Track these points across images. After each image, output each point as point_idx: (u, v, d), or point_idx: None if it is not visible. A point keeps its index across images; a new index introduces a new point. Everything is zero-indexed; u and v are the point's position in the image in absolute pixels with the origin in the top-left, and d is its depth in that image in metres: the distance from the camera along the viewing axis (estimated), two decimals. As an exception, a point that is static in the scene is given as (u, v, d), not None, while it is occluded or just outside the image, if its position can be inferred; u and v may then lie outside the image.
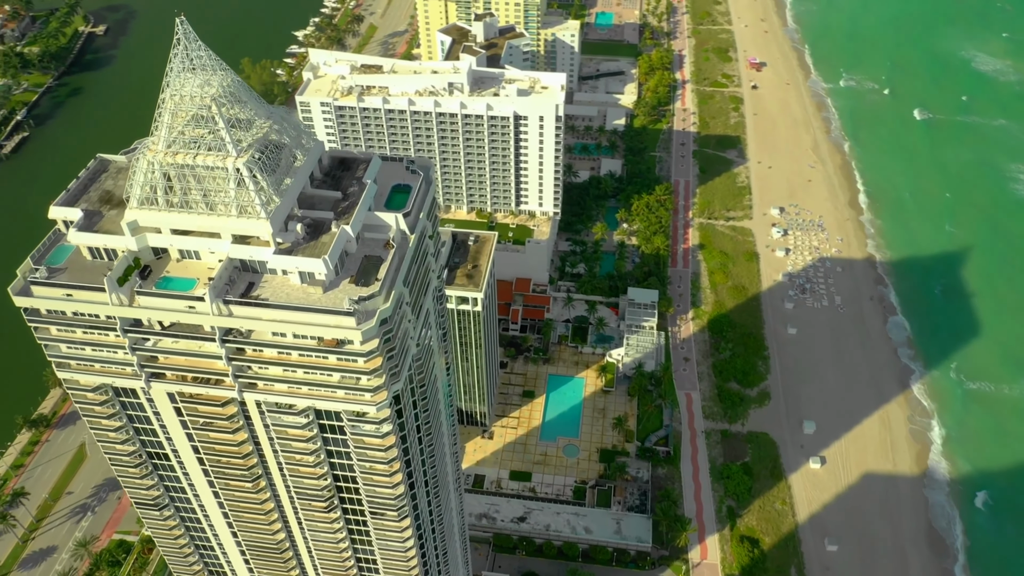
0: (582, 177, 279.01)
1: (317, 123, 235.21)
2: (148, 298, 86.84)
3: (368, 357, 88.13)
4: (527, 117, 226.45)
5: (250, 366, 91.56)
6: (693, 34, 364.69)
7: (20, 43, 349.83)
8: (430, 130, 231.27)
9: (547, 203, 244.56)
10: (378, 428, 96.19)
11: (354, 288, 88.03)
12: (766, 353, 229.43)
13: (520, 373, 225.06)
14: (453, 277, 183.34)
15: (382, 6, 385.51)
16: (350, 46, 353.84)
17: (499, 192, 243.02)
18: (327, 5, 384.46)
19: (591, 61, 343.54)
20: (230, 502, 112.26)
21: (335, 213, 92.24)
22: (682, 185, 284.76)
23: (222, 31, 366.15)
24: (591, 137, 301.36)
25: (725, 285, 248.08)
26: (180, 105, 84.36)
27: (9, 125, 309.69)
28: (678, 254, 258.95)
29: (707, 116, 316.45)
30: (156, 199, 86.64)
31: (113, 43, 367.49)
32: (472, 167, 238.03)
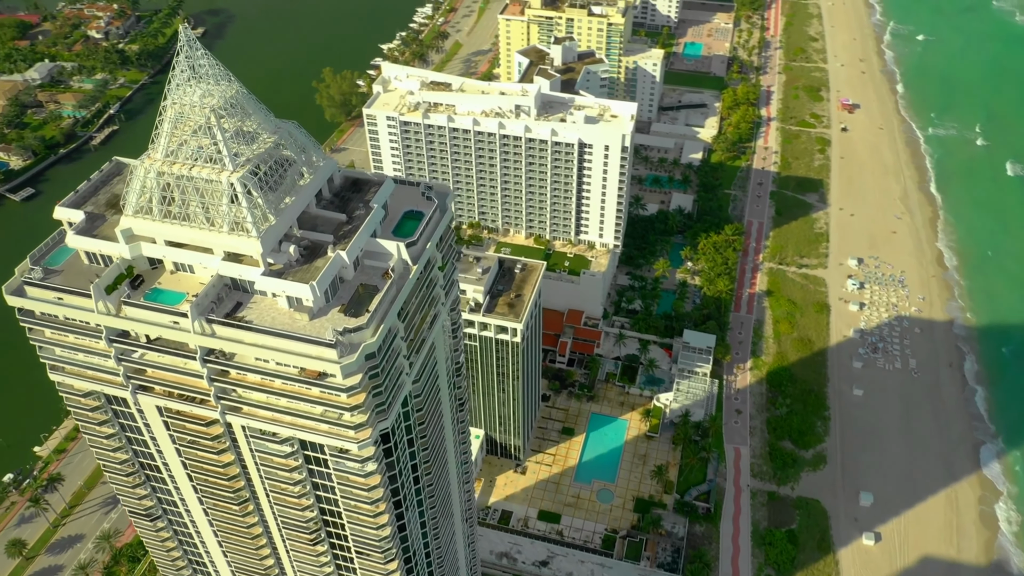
0: (650, 210, 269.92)
1: (382, 137, 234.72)
2: (134, 309, 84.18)
3: (350, 392, 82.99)
4: (592, 145, 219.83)
5: (234, 389, 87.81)
6: (784, 70, 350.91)
7: (123, 41, 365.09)
8: (493, 152, 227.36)
9: (607, 235, 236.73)
10: (361, 467, 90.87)
11: (342, 318, 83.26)
12: (827, 413, 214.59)
13: (562, 408, 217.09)
14: (494, 305, 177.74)
15: (469, 24, 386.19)
16: (433, 62, 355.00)
17: (559, 220, 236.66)
18: (416, 20, 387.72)
19: (673, 92, 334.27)
20: (218, 522, 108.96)
21: (335, 237, 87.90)
22: (755, 226, 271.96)
23: (313, 39, 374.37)
24: (664, 169, 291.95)
25: (790, 336, 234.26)
26: (180, 114, 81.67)
27: (102, 118, 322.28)
28: (742, 299, 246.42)
29: (790, 156, 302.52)
30: (152, 208, 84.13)
31: (209, 46, 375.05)
32: (533, 192, 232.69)
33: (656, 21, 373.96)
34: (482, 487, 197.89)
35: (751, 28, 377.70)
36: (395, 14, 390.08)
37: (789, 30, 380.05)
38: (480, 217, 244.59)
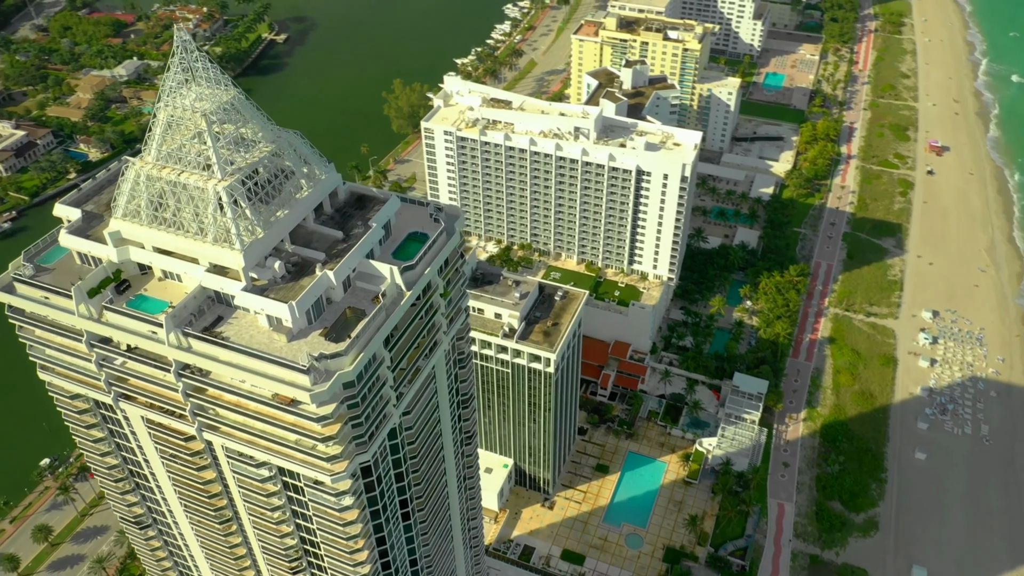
0: (712, 243, 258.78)
1: (439, 151, 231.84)
2: (114, 315, 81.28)
3: (323, 422, 77.88)
4: (651, 173, 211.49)
5: (210, 406, 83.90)
6: (870, 107, 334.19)
7: (208, 43, 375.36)
8: (548, 173, 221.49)
9: (662, 266, 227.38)
10: (337, 500, 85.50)
11: (322, 342, 78.38)
12: (883, 475, 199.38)
13: (598, 444, 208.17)
14: (530, 332, 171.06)
15: (546, 44, 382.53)
16: (505, 79, 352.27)
17: (612, 247, 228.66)
18: (493, 37, 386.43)
19: (749, 122, 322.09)
20: (203, 539, 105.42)
21: (327, 255, 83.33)
22: (823, 269, 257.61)
23: (390, 50, 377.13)
24: (731, 202, 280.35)
25: (850, 388, 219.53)
26: (172, 117, 78.59)
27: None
28: (802, 345, 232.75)
29: (868, 197, 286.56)
30: (140, 212, 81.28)
31: (289, 51, 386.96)
32: (587, 217, 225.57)
33: (738, 49, 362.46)
34: (506, 518, 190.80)
35: (838, 61, 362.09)
36: (473, 30, 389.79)
37: (879, 65, 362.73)
38: (532, 239, 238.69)
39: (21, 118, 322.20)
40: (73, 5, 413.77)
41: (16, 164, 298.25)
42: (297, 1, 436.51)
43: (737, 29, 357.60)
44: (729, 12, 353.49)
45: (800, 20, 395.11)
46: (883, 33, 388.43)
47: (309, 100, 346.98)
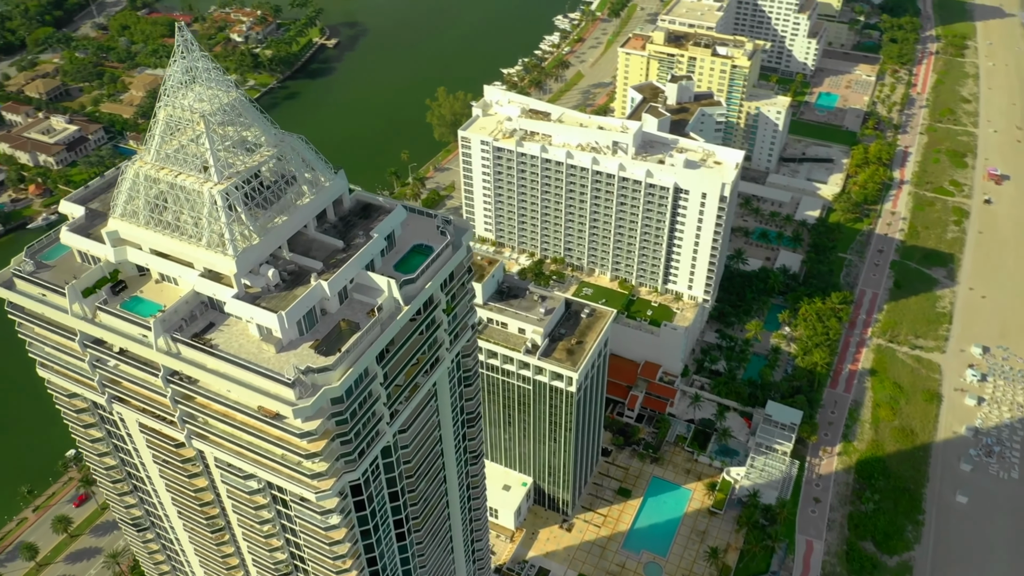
0: (752, 266, 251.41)
1: (475, 161, 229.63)
2: (107, 315, 79.84)
3: (308, 438, 75.07)
4: (689, 191, 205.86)
5: (198, 415, 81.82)
6: (927, 131, 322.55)
7: (260, 46, 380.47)
8: (584, 187, 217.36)
9: (697, 287, 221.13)
10: (323, 518, 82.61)
11: (311, 354, 75.69)
12: (921, 518, 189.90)
13: (622, 466, 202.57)
14: (553, 349, 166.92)
15: (594, 56, 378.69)
16: (550, 90, 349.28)
17: (647, 266, 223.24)
18: (541, 48, 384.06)
19: (799, 143, 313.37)
20: (196, 546, 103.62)
21: (325, 264, 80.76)
22: (867, 297, 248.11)
23: (438, 58, 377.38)
24: (775, 224, 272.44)
25: (890, 424, 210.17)
26: (172, 117, 76.93)
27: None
28: (841, 375, 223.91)
29: (919, 225, 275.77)
30: (138, 213, 79.75)
31: (339, 56, 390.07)
32: (622, 234, 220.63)
33: (791, 68, 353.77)
34: (522, 538, 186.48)
35: (896, 83, 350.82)
36: (522, 40, 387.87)
37: (939, 88, 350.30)
38: (565, 253, 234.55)
39: (76, 113, 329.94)
40: (133, 5, 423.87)
41: (67, 158, 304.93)
42: (351, 7, 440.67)
43: (791, 47, 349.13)
44: (783, 30, 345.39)
45: (857, 40, 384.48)
46: (945, 56, 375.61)
47: (354, 105, 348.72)
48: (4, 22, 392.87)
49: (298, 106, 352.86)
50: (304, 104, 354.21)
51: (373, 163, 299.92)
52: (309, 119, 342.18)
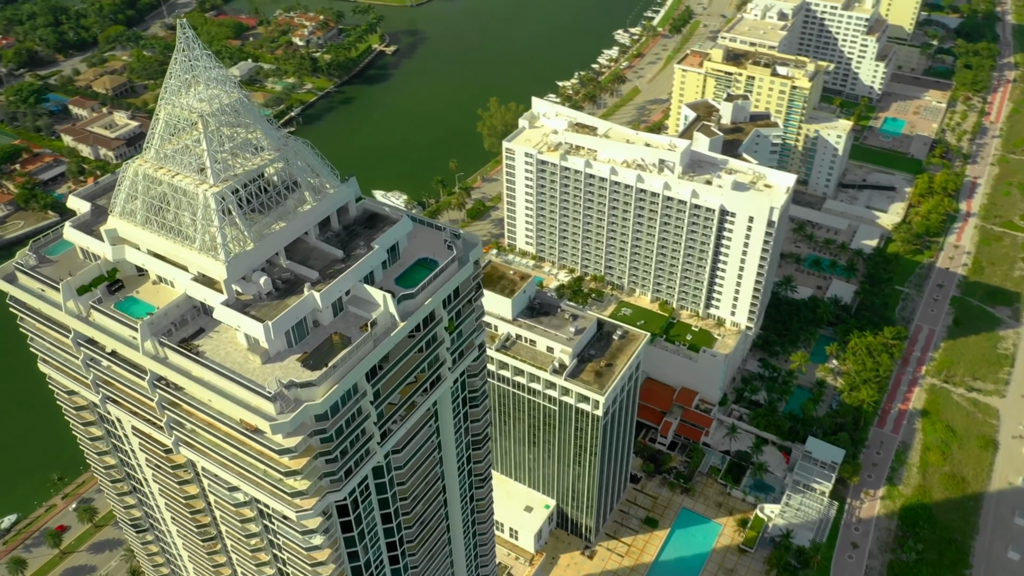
0: (801, 294, 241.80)
1: (518, 173, 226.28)
2: (100, 315, 78.31)
3: (288, 455, 72.01)
4: (735, 214, 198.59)
5: (185, 422, 79.62)
6: (999, 162, 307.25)
7: (320, 50, 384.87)
8: (627, 205, 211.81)
9: (740, 314, 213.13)
10: (305, 539, 79.39)
11: (298, 368, 72.71)
12: (968, 572, 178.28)
13: (651, 495, 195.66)
14: (580, 370, 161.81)
15: (652, 72, 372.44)
16: (605, 105, 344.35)
17: (688, 288, 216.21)
18: (599, 62, 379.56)
19: (859, 169, 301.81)
20: (189, 553, 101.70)
21: (321, 274, 77.86)
22: (923, 333, 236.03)
23: (494, 69, 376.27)
24: (829, 252, 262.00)
25: (939, 469, 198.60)
26: (172, 116, 75.10)
27: (283, 119, 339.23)
28: (889, 414, 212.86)
29: (985, 260, 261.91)
30: (136, 212, 78.15)
31: (397, 63, 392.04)
32: (664, 255, 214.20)
33: (856, 91, 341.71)
34: (542, 562, 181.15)
35: (968, 111, 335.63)
36: (580, 54, 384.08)
37: (1014, 118, 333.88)
38: (606, 271, 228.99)
39: (138, 110, 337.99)
40: (202, 7, 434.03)
41: (127, 153, 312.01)
42: (412, 15, 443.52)
43: (857, 70, 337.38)
44: (850, 51, 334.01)
45: (929, 64, 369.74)
46: (1023, 84, 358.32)
47: (408, 112, 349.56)
48: (79, 19, 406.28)
49: (353, 111, 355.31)
50: (359, 109, 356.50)
51: (422, 170, 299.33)
52: (363, 124, 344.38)
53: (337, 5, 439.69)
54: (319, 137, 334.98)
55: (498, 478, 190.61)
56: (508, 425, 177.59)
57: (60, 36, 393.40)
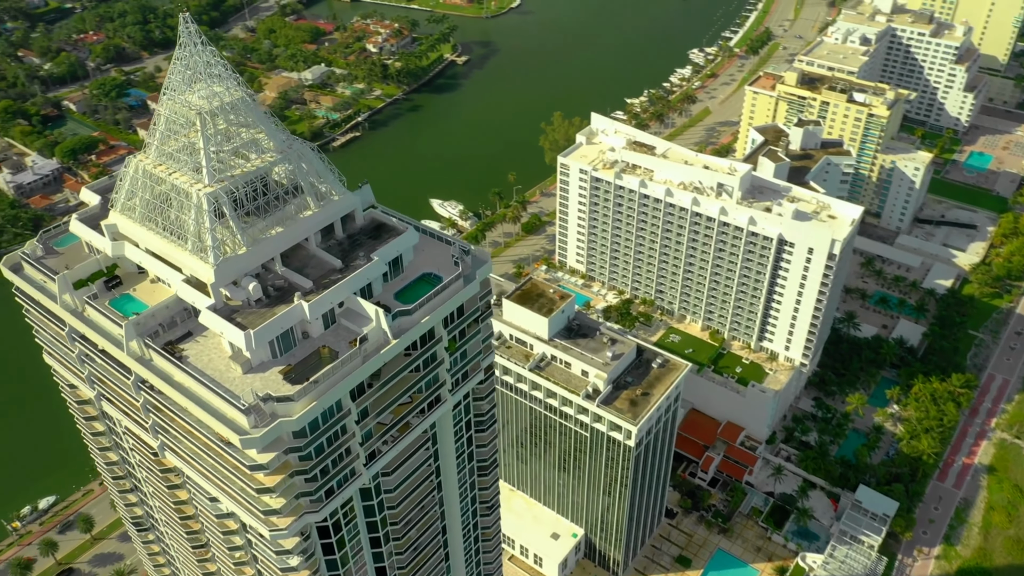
0: (864, 332, 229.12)
1: (572, 189, 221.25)
2: (93, 311, 76.76)
3: (262, 471, 68.65)
4: (794, 245, 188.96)
5: (169, 427, 77.27)
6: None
7: (391, 57, 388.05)
8: (682, 229, 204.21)
9: (795, 349, 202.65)
10: (281, 559, 75.89)
11: (278, 380, 69.39)
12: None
13: (686, 532, 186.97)
14: (615, 397, 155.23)
15: (725, 93, 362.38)
16: (673, 125, 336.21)
17: (741, 319, 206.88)
18: (670, 80, 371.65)
19: (939, 204, 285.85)
20: (182, 558, 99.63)
21: (315, 284, 74.59)
22: (996, 384, 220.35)
23: (563, 83, 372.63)
24: (899, 290, 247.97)
25: (1004, 531, 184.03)
26: (174, 112, 73.06)
27: (349, 123, 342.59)
28: (952, 468, 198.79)
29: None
30: (135, 208, 76.43)
31: (467, 73, 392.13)
32: (718, 282, 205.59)
33: (940, 122, 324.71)
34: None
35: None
36: (652, 72, 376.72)
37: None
38: (656, 295, 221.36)
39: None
40: (283, 11, 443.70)
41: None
42: (487, 26, 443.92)
43: (943, 100, 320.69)
44: (936, 80, 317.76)
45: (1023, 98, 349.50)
46: None
47: (473, 123, 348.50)
48: (166, 19, 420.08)
49: (419, 118, 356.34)
50: (425, 117, 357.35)
51: (481, 181, 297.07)
52: (427, 132, 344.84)
53: (414, 13, 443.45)
54: (383, 143, 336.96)
55: (526, 501, 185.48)
56: (539, 448, 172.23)
57: (147, 34, 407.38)
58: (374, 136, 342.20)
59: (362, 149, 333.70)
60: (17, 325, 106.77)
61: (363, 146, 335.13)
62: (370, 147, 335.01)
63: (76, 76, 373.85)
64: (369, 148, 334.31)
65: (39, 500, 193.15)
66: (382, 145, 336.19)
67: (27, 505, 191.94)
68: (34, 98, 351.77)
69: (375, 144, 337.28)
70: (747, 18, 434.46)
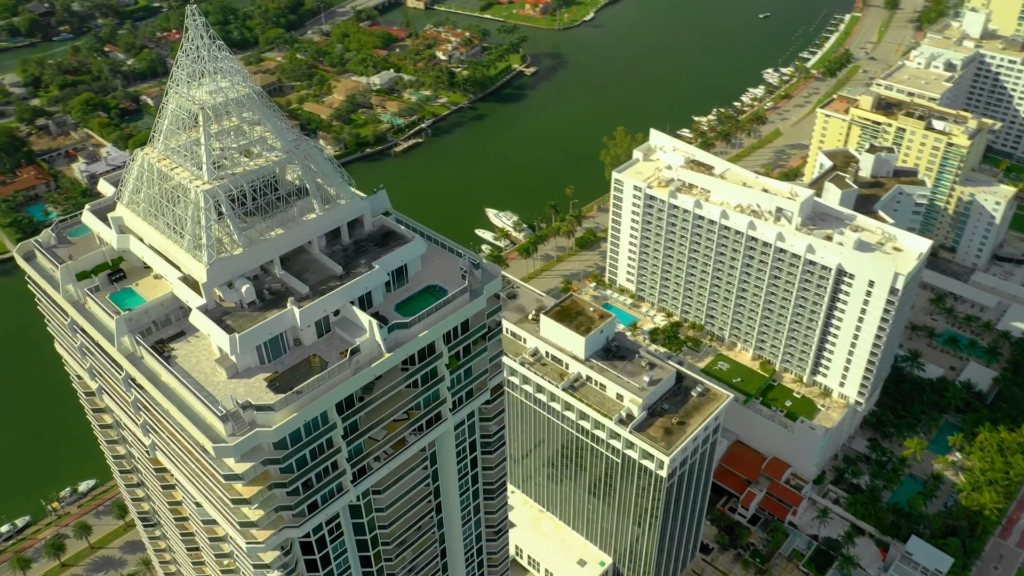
0: (929, 373, 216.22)
1: (625, 205, 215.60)
2: (92, 303, 75.76)
3: (238, 481, 66.00)
4: (854, 276, 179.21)
5: (158, 428, 75.52)
6: None
7: (460, 66, 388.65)
8: (736, 253, 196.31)
9: (850, 386, 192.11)
10: (261, 573, 73.07)
11: (262, 388, 66.74)
12: None
13: (720, 570, 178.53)
14: (649, 424, 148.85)
15: (798, 115, 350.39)
16: (740, 145, 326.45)
17: (794, 351, 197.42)
18: (741, 100, 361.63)
19: (1021, 242, 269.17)
20: (180, 558, 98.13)
21: (312, 290, 71.89)
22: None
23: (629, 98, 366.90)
24: (970, 330, 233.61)
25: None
26: (180, 108, 71.49)
27: (413, 130, 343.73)
28: (1016, 526, 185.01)
29: None
30: (139, 202, 75.21)
31: (534, 84, 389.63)
32: (771, 310, 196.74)
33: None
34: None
35: None
36: (722, 90, 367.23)
37: None
38: (707, 320, 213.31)
39: (280, 108, 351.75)
40: (358, 17, 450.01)
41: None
42: (559, 38, 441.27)
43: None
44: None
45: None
46: None
47: (535, 134, 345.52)
48: (245, 20, 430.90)
49: (482, 127, 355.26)
50: (488, 126, 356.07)
51: (539, 193, 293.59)
52: (489, 141, 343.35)
53: (486, 23, 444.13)
54: (445, 150, 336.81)
55: (555, 524, 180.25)
56: (571, 470, 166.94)
57: (226, 34, 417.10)
58: (436, 143, 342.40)
59: (423, 155, 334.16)
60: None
61: (425, 152, 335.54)
62: (431, 154, 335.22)
63: (156, 72, 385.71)
64: (430, 154, 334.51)
65: (79, 483, 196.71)
66: (443, 152, 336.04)
67: (68, 487, 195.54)
68: (115, 92, 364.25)
69: (437, 151, 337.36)
70: (827, 39, 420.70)
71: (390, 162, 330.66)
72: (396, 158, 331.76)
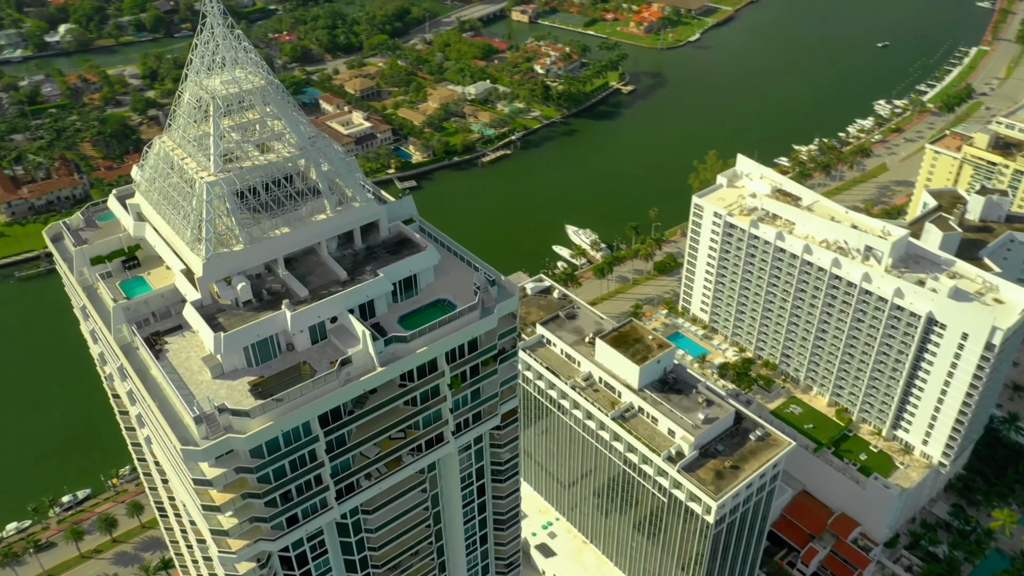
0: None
1: (704, 230, 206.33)
2: (102, 289, 74.86)
3: (209, 487, 63.00)
4: (946, 327, 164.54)
5: (148, 421, 73.65)
6: None
7: (557, 80, 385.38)
8: (818, 291, 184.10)
9: (934, 445, 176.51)
10: (235, 583, 69.93)
11: (243, 392, 63.69)
12: None
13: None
14: (700, 465, 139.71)
15: (908, 150, 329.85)
16: (842, 178, 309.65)
17: (875, 401, 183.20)
18: (848, 130, 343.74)
19: None
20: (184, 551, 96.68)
21: (311, 294, 68.63)
22: None
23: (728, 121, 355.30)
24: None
25: None
26: (193, 96, 69.68)
27: (502, 141, 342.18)
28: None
29: None
30: (153, 191, 73.93)
31: (630, 103, 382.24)
32: (852, 355, 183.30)
33: None
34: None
35: None
36: (828, 119, 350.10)
37: None
38: (782, 359, 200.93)
39: (375, 112, 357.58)
40: (462, 27, 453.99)
41: (354, 150, 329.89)
42: (660, 57, 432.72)
43: None
44: None
45: None
46: None
47: (625, 153, 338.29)
48: (352, 26, 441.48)
49: (572, 143, 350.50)
50: (579, 142, 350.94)
51: (622, 213, 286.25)
52: (578, 158, 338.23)
53: (588, 39, 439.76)
54: (532, 163, 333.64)
55: (598, 558, 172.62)
56: (617, 504, 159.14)
57: (333, 39, 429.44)
58: (524, 155, 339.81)
59: (510, 167, 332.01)
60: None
61: (512, 164, 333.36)
62: (518, 166, 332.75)
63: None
64: (517, 167, 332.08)
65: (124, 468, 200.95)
66: (530, 165, 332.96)
67: (128, 465, 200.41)
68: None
69: (524, 163, 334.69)
70: (948, 72, 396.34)
71: (476, 172, 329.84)
72: (483, 168, 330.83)
